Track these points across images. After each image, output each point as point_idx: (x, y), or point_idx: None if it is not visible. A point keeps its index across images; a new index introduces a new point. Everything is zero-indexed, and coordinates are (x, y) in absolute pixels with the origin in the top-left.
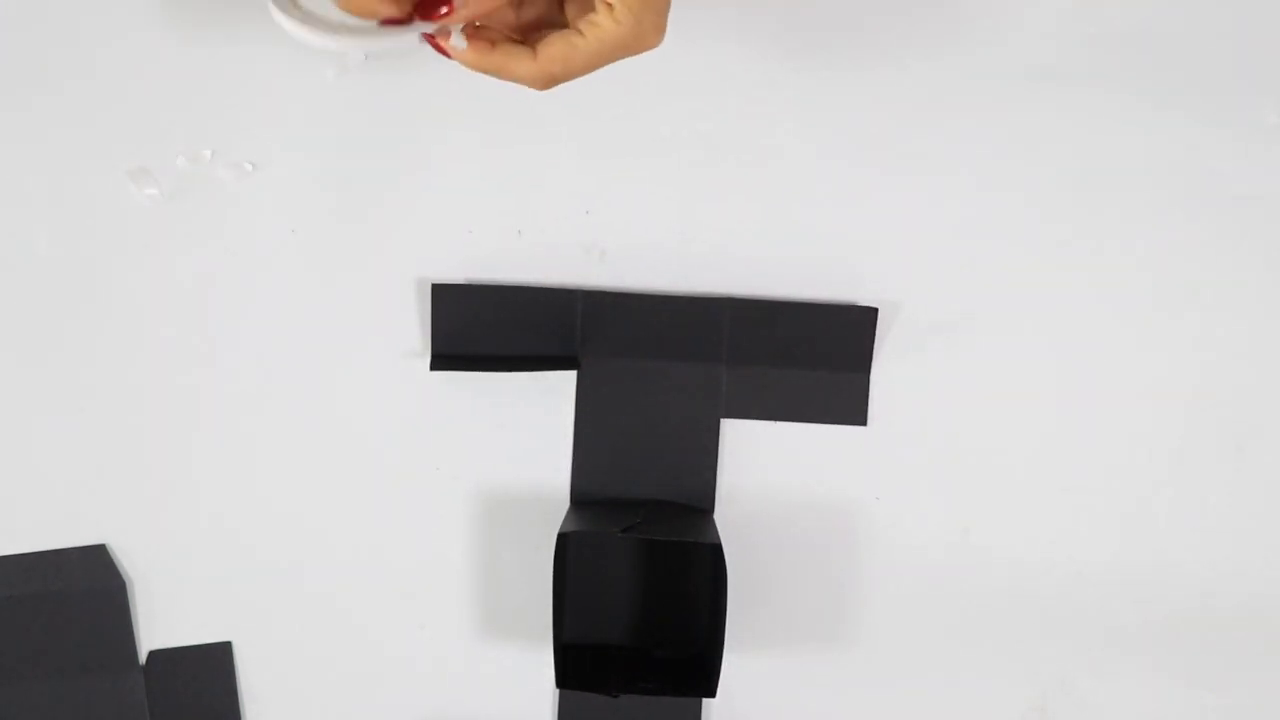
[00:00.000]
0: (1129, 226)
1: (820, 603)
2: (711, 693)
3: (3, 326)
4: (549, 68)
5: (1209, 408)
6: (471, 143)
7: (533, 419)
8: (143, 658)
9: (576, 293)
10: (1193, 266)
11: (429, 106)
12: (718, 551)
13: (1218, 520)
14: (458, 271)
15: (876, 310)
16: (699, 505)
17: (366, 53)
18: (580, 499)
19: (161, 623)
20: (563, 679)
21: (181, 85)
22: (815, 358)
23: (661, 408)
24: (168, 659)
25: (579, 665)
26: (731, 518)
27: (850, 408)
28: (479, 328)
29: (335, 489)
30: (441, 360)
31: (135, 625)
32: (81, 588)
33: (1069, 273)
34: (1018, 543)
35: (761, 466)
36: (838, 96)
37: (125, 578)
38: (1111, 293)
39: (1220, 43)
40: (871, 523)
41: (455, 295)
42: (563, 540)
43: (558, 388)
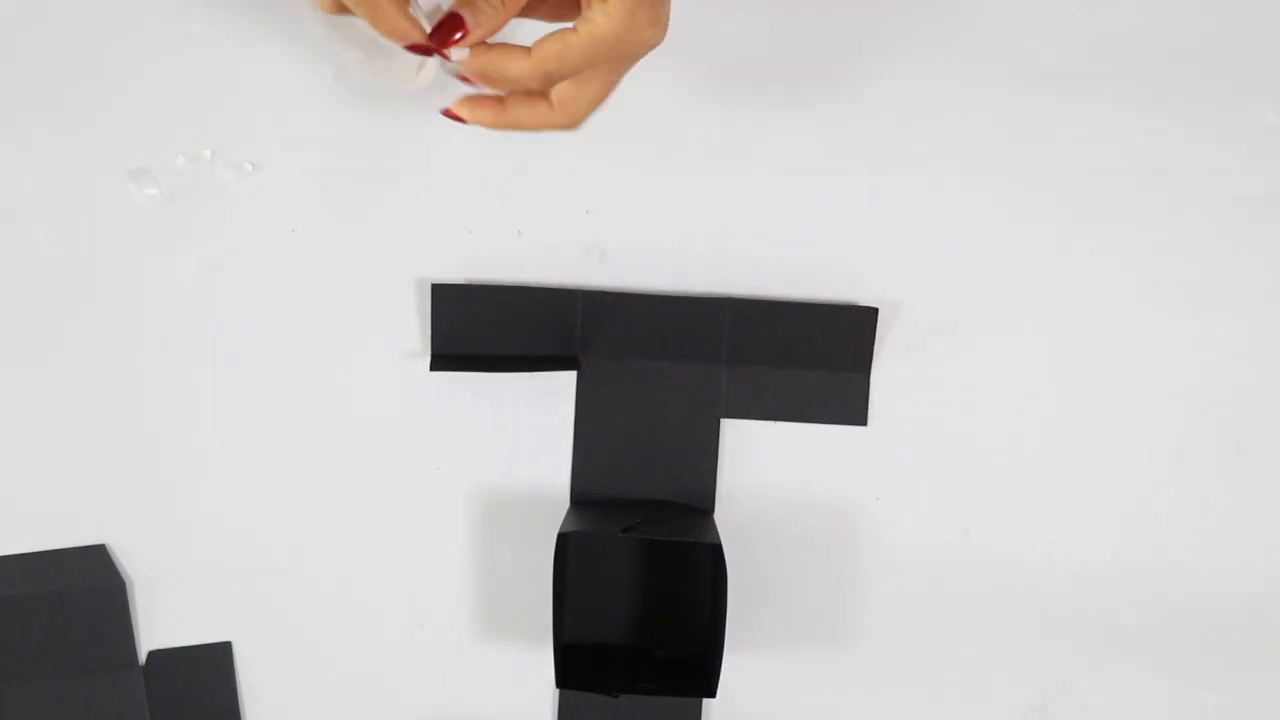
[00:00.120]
0: (1129, 226)
1: (820, 603)
2: (711, 693)
3: (3, 326)
4: (545, 65)
5: (1209, 408)
6: (471, 142)
7: (533, 419)
8: (143, 658)
9: (576, 293)
10: (1193, 266)
11: (429, 106)
12: (718, 551)
13: (1218, 520)
14: (458, 271)
15: (876, 310)
16: (699, 505)
17: (392, 86)
18: (580, 499)
19: (161, 623)
20: (563, 679)
21: (181, 85)
22: (815, 358)
23: (661, 408)
24: (168, 659)
25: (579, 665)
26: (731, 518)
27: (850, 408)
28: (479, 328)
29: (335, 489)
30: (441, 360)
31: (135, 625)
32: (81, 588)
33: (1069, 273)
34: (1018, 543)
35: (761, 466)
36: (838, 96)
37: (125, 578)
38: (1111, 293)
39: (1220, 43)
40: (871, 523)
41: (455, 295)
42: (563, 540)
43: (558, 388)
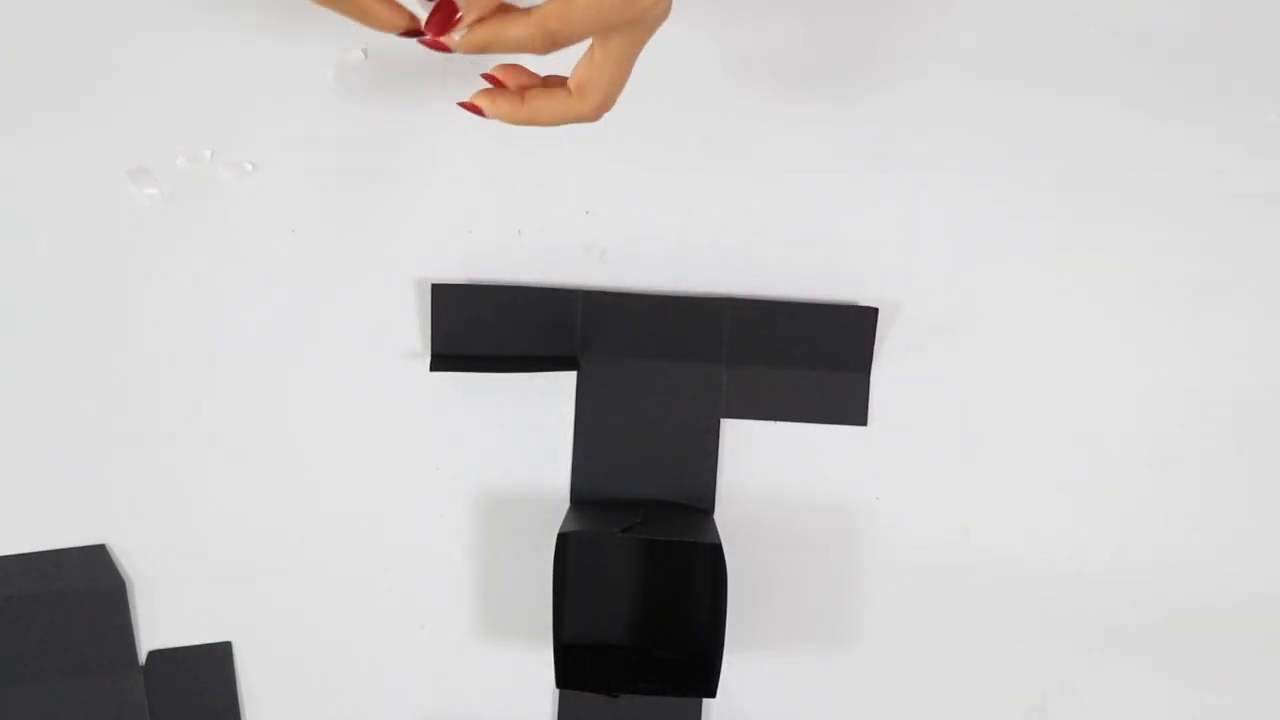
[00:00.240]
0: (1129, 226)
1: (820, 603)
2: (711, 693)
3: (3, 326)
4: (546, 24)
5: (1208, 408)
6: (471, 143)
7: (533, 419)
8: (143, 658)
9: (576, 293)
10: (1193, 266)
11: (429, 107)
12: (718, 551)
13: (1218, 520)
14: (458, 271)
15: (876, 310)
16: (699, 505)
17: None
18: (580, 499)
19: (161, 623)
20: (563, 679)
21: (181, 85)
22: (815, 358)
23: (661, 408)
24: (168, 659)
25: (579, 665)
26: (731, 518)
27: (850, 408)
28: (479, 328)
29: (335, 489)
30: (441, 360)
31: (135, 625)
32: (81, 588)
33: (1069, 273)
34: (1018, 543)
35: (761, 466)
36: (838, 96)
37: (125, 578)
38: (1111, 293)
39: (1220, 43)
40: (871, 523)
41: (455, 295)
42: (563, 540)
43: (558, 388)
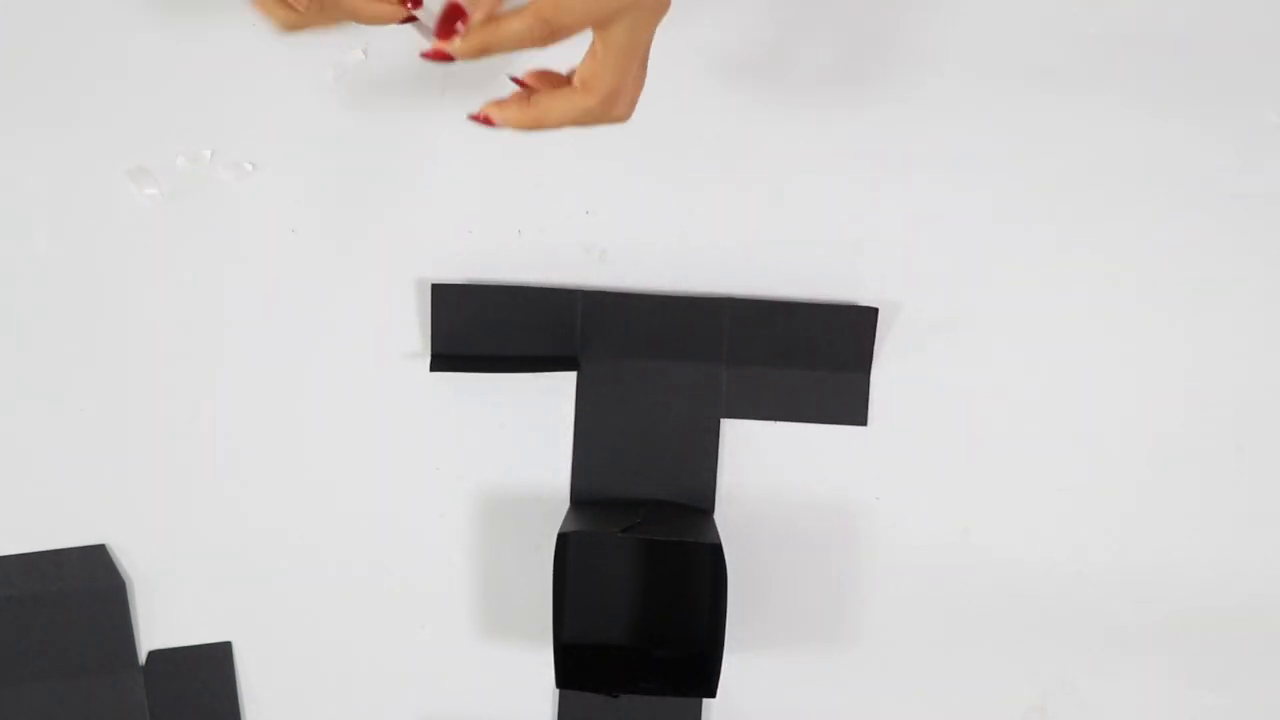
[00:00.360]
0: (1129, 226)
1: (820, 603)
2: (711, 693)
3: (3, 326)
4: (542, 12)
5: (1208, 408)
6: (472, 143)
7: (533, 419)
8: (143, 658)
9: (576, 293)
10: (1192, 266)
11: (429, 107)
12: (718, 551)
13: (1218, 520)
14: (458, 271)
15: (876, 310)
16: (699, 505)
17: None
18: (580, 499)
19: (161, 623)
20: (563, 679)
21: (181, 85)
22: (815, 358)
23: (661, 408)
24: (167, 659)
25: (579, 665)
26: (731, 518)
27: (850, 408)
28: (479, 328)
29: (335, 489)
30: (441, 360)
31: (135, 625)
32: (81, 588)
33: (1069, 272)
34: (1018, 543)
35: (761, 466)
36: (838, 97)
37: (125, 578)
38: (1111, 292)
39: (1220, 43)
40: (871, 523)
41: (455, 295)
42: (563, 540)
43: (558, 388)
